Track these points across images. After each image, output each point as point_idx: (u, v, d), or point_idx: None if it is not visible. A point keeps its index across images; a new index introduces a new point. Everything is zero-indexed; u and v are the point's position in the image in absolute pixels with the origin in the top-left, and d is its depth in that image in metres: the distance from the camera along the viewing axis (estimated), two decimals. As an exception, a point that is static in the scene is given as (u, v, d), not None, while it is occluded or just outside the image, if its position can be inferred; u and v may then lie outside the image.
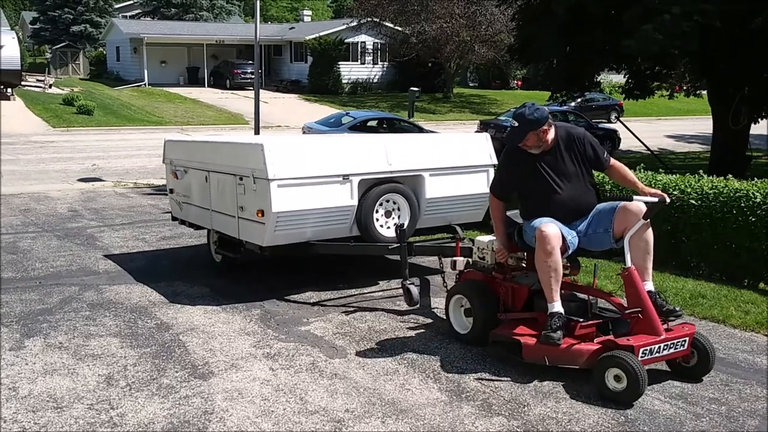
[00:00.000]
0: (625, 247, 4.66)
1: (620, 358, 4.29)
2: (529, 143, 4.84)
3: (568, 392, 4.46)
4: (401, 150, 6.88)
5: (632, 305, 4.59)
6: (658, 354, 4.46)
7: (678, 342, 4.53)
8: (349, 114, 18.96)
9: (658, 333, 4.46)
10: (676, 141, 27.62)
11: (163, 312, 6.11)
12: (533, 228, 4.76)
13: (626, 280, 4.61)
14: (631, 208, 4.67)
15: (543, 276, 4.69)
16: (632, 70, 14.91)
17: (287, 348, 5.25)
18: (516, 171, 5.03)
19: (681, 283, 6.90)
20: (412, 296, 5.90)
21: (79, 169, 16.11)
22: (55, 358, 5.03)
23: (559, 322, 4.59)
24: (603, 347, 4.48)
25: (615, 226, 4.74)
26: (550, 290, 4.66)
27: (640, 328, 4.52)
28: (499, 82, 45.10)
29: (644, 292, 4.56)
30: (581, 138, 4.96)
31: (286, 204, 6.11)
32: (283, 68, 43.12)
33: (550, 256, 4.61)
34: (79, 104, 28.22)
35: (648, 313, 4.51)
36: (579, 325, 4.63)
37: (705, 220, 7.26)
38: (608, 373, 4.34)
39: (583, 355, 4.52)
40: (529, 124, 4.78)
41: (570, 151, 4.91)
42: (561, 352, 4.56)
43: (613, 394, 4.31)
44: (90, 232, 9.56)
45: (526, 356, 4.69)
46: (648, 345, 4.39)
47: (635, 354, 4.32)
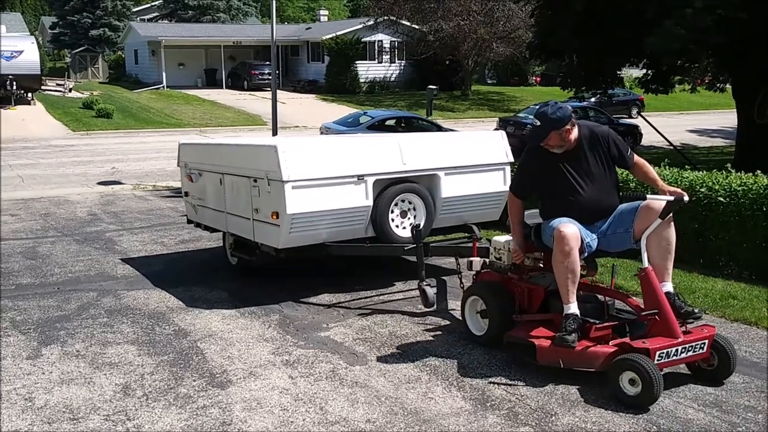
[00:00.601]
0: (642, 247, 4.55)
1: (635, 361, 4.17)
2: (551, 143, 4.72)
3: (596, 400, 4.30)
4: (416, 149, 6.79)
5: (649, 307, 4.47)
6: (676, 357, 4.34)
7: (697, 345, 4.40)
8: (367, 113, 18.84)
9: (675, 335, 4.34)
10: (698, 136, 27.20)
11: (180, 318, 6.03)
12: (552, 228, 4.64)
13: (643, 280, 4.50)
14: (652, 206, 4.53)
15: (560, 277, 4.57)
16: (652, 65, 14.65)
17: (306, 355, 5.14)
18: (538, 170, 4.91)
19: (710, 283, 6.70)
20: (428, 298, 5.80)
21: (98, 173, 16.14)
22: (72, 367, 4.96)
23: (575, 324, 4.49)
24: (618, 350, 4.36)
25: (636, 226, 4.62)
26: (566, 291, 4.55)
27: (657, 331, 4.40)
28: (517, 78, 44.76)
29: (662, 294, 4.44)
30: (605, 137, 4.83)
31: (300, 205, 6.05)
32: (300, 68, 43.09)
33: (567, 257, 4.48)
34: (98, 108, 28.38)
35: (665, 314, 4.39)
36: (594, 327, 4.52)
37: (734, 217, 7.06)
38: (623, 376, 4.22)
39: (598, 358, 4.41)
40: (552, 123, 4.65)
41: (594, 150, 4.78)
42: (576, 354, 4.46)
43: (628, 398, 4.20)
44: (109, 235, 9.53)
45: (540, 359, 4.59)
46: (664, 348, 4.28)
47: (651, 357, 4.20)
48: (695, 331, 4.50)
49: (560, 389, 4.46)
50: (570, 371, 4.53)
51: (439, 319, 5.93)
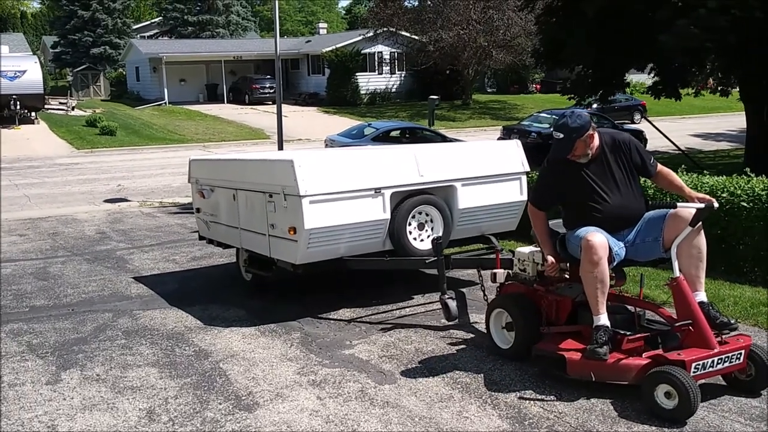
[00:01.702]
0: (673, 256, 4.43)
1: (671, 373, 4.04)
2: (578, 152, 4.63)
3: (637, 416, 4.16)
4: (432, 160, 6.71)
5: (682, 317, 4.35)
6: (712, 368, 4.21)
7: (733, 355, 4.27)
8: (371, 125, 18.77)
9: (711, 346, 4.22)
10: (702, 140, 27.12)
11: (200, 338, 5.91)
12: (578, 238, 4.53)
13: (675, 290, 4.39)
14: (682, 214, 4.42)
15: (589, 288, 4.46)
16: (662, 69, 14.56)
17: (333, 374, 5.01)
18: (560, 183, 4.81)
19: (738, 291, 6.57)
20: (451, 311, 5.69)
21: (104, 190, 16.06)
22: (94, 392, 4.83)
23: (605, 336, 4.37)
24: (652, 362, 4.24)
25: (665, 235, 4.50)
26: (596, 302, 4.44)
27: (692, 341, 4.28)
28: (517, 86, 44.73)
29: (695, 303, 4.32)
30: (627, 143, 4.73)
31: (318, 220, 5.95)
32: (300, 81, 43.11)
33: (596, 267, 4.37)
34: (101, 125, 28.35)
35: (699, 325, 4.27)
36: (626, 339, 4.40)
37: (758, 223, 6.93)
38: (658, 389, 4.10)
39: (631, 371, 4.29)
40: (575, 132, 4.57)
41: (616, 157, 4.68)
42: (608, 367, 4.33)
43: (664, 411, 4.07)
44: (119, 254, 9.42)
45: (570, 372, 4.47)
46: (700, 359, 4.15)
47: (687, 369, 4.08)
48: (731, 341, 4.38)
49: (598, 405, 4.32)
50: (603, 384, 4.41)
51: (463, 332, 5.81)
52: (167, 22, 50.24)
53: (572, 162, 4.68)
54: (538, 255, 5.16)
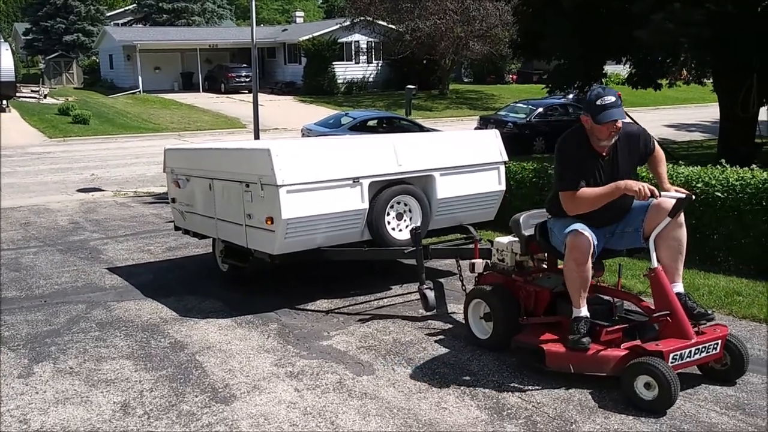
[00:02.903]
0: (651, 247, 4.43)
1: (650, 364, 4.06)
2: (603, 135, 4.40)
3: (615, 405, 4.18)
4: (411, 150, 6.68)
5: (660, 308, 4.36)
6: (690, 359, 4.24)
7: (710, 345, 4.31)
8: (348, 114, 18.69)
9: (688, 336, 4.24)
10: (675, 130, 27.35)
11: (176, 330, 5.84)
12: (564, 234, 4.48)
13: (653, 281, 4.39)
14: (661, 204, 4.41)
15: (571, 284, 4.47)
16: (638, 61, 14.65)
17: (311, 365, 4.97)
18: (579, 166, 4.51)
19: (712, 280, 6.63)
20: (429, 302, 5.70)
21: (77, 180, 15.82)
22: (67, 385, 4.75)
23: (586, 326, 4.39)
24: (631, 353, 4.25)
25: (646, 224, 4.49)
26: (577, 297, 4.46)
27: (669, 332, 4.30)
28: (494, 76, 44.81)
29: (672, 294, 4.33)
30: (637, 135, 4.62)
31: (296, 210, 5.90)
32: (277, 70, 42.79)
33: (582, 266, 4.38)
34: (74, 114, 27.93)
35: (677, 315, 4.28)
36: (605, 330, 4.41)
37: (732, 213, 7.00)
38: (638, 380, 4.12)
39: (609, 362, 4.31)
40: (620, 102, 4.39)
41: (627, 152, 4.55)
42: (587, 359, 4.35)
43: (644, 402, 4.09)
44: (93, 244, 9.29)
45: (549, 364, 4.48)
46: (678, 350, 4.18)
47: (665, 360, 4.10)
48: (708, 331, 4.40)
49: (576, 395, 4.33)
50: (580, 375, 4.42)
51: (441, 323, 5.80)
52: (141, 10, 49.55)
53: (590, 151, 4.50)
54: (516, 245, 5.16)
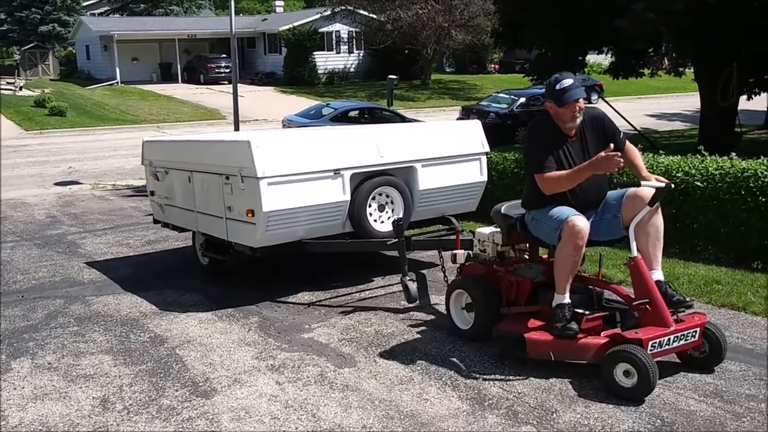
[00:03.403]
0: (631, 236, 4.44)
1: (629, 352, 4.09)
2: (567, 116, 4.50)
3: (595, 395, 4.20)
4: (392, 141, 6.66)
5: (640, 296, 4.38)
6: (669, 346, 4.27)
7: (689, 333, 4.34)
8: (329, 105, 18.60)
9: (667, 324, 4.27)
10: (657, 119, 27.55)
11: (155, 324, 5.78)
12: (555, 221, 4.48)
13: (632, 269, 4.41)
14: (640, 193, 4.43)
15: (562, 270, 4.46)
16: (620, 51, 14.70)
17: (292, 358, 4.95)
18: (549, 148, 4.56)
19: (692, 269, 6.67)
20: (411, 293, 5.70)
21: (54, 173, 15.65)
22: (45, 381, 4.69)
23: (570, 313, 4.40)
24: (611, 341, 4.28)
25: (624, 213, 4.51)
26: (565, 283, 4.46)
27: (649, 320, 4.32)
28: (476, 66, 44.81)
29: (652, 282, 4.35)
30: (602, 119, 4.72)
31: (277, 202, 5.86)
32: (257, 61, 42.48)
33: (579, 252, 4.38)
34: (51, 105, 27.59)
35: (656, 303, 4.31)
36: (585, 318, 4.42)
37: (712, 202, 7.04)
38: (617, 368, 4.14)
39: (590, 350, 4.32)
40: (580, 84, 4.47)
41: (594, 134, 4.64)
42: (567, 346, 4.37)
43: (624, 390, 4.12)
44: (71, 238, 9.18)
45: (530, 352, 4.49)
46: (657, 337, 4.20)
47: (644, 347, 4.13)
48: (687, 319, 4.44)
49: (557, 385, 4.35)
50: (561, 364, 4.43)
51: (424, 314, 5.79)
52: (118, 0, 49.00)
53: (558, 133, 4.57)
54: (497, 236, 5.16)
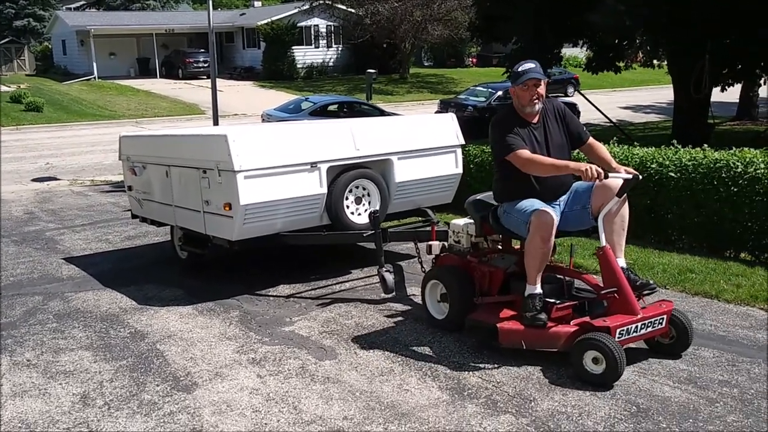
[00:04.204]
0: (600, 226, 4.53)
1: (597, 340, 4.17)
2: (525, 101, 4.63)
3: (573, 383, 4.27)
4: (368, 134, 6.72)
5: (608, 285, 4.47)
6: (636, 333, 4.36)
7: (656, 320, 4.43)
8: (308, 99, 18.57)
9: (634, 312, 4.36)
10: (632, 112, 27.81)
11: (136, 319, 5.78)
12: (524, 214, 4.56)
13: (602, 259, 4.50)
14: (610, 184, 4.52)
15: (532, 262, 4.54)
16: (595, 44, 14.81)
17: (273, 352, 4.97)
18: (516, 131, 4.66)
19: (666, 258, 6.78)
20: (388, 284, 5.76)
21: (32, 169, 15.49)
22: (24, 378, 4.68)
23: (540, 303, 4.49)
24: (580, 329, 4.36)
25: (593, 203, 4.60)
26: (535, 274, 4.55)
27: (617, 308, 4.41)
28: (454, 60, 44.89)
29: (620, 272, 4.43)
30: (564, 110, 4.86)
31: (254, 196, 5.90)
32: (236, 55, 42.26)
33: (546, 244, 4.46)
34: (27, 101, 27.29)
35: (624, 292, 4.39)
36: (555, 308, 4.51)
37: (685, 192, 7.15)
38: (586, 356, 4.23)
39: (560, 338, 4.41)
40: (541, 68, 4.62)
41: (557, 124, 4.77)
42: (538, 335, 4.45)
43: (593, 377, 4.21)
44: (49, 235, 9.12)
45: (502, 341, 4.57)
46: (625, 325, 4.29)
47: (612, 335, 4.21)
48: (654, 306, 4.54)
49: (536, 374, 4.41)
50: (539, 354, 4.51)
51: (402, 306, 5.85)
52: (94, -7, 48.52)
53: (520, 120, 4.68)
54: (471, 227, 5.23)
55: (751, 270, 6.31)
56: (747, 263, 6.59)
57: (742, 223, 6.77)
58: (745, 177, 6.72)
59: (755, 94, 22.81)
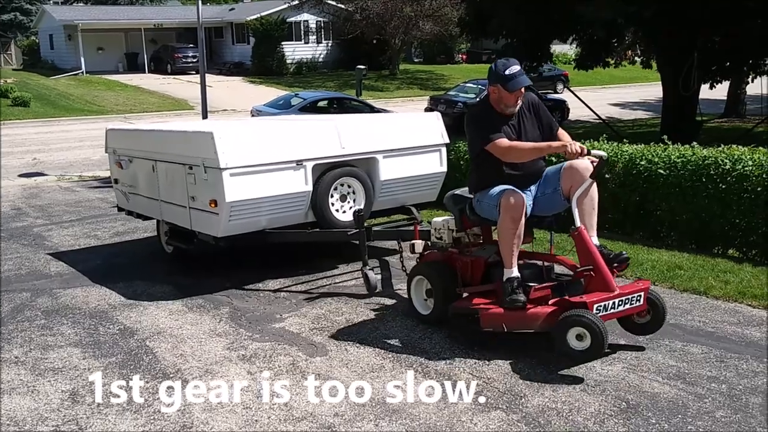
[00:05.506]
0: (574, 207, 4.61)
1: (581, 315, 4.22)
2: (511, 101, 4.71)
3: (562, 379, 4.29)
4: (354, 132, 6.74)
5: (584, 264, 4.53)
6: (614, 310, 4.41)
7: (633, 297, 4.49)
8: (298, 95, 18.53)
9: (611, 289, 4.42)
10: (621, 108, 27.93)
11: (125, 315, 5.75)
12: (494, 197, 4.66)
13: (577, 239, 4.56)
14: (577, 166, 4.62)
15: (506, 243, 4.61)
16: (584, 40, 14.84)
17: (263, 348, 4.96)
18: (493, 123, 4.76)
19: (655, 255, 6.81)
20: (371, 283, 5.81)
21: (19, 164, 15.39)
22: (12, 375, 4.65)
23: (519, 285, 4.55)
24: (558, 307, 4.41)
25: (563, 185, 4.69)
26: (510, 256, 4.61)
27: (594, 286, 4.47)
28: (444, 56, 44.89)
29: (595, 250, 4.50)
30: (538, 103, 4.94)
31: (239, 193, 5.92)
32: (225, 50, 42.10)
33: (517, 224, 4.54)
34: (14, 96, 27.10)
35: (600, 269, 4.45)
36: (533, 289, 4.56)
37: (674, 189, 7.18)
38: (569, 333, 4.26)
39: (539, 318, 4.47)
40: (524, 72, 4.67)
41: (531, 115, 4.86)
42: (518, 317, 4.51)
43: (577, 353, 4.26)
44: (37, 231, 9.06)
45: (484, 325, 4.63)
46: (602, 300, 4.34)
47: (590, 310, 4.25)
48: (631, 285, 4.61)
49: (526, 370, 4.42)
50: (529, 349, 4.55)
51: (392, 302, 5.85)
52: (82, -12, 48.18)
53: (497, 115, 4.76)
54: (452, 222, 5.29)
55: (739, 266, 6.36)
56: (735, 260, 6.64)
57: (731, 219, 6.82)
58: (733, 174, 6.76)
59: (743, 91, 22.97)
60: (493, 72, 4.73)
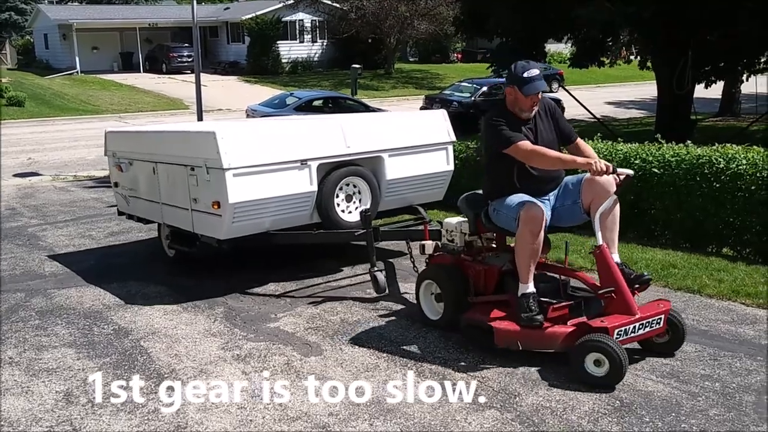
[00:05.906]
0: (596, 225, 4.48)
1: (599, 341, 4.11)
2: (527, 105, 4.62)
3: (557, 378, 4.29)
4: (359, 131, 6.67)
5: (605, 284, 4.40)
6: (634, 334, 4.31)
7: (654, 320, 4.38)
8: (293, 94, 18.52)
9: (632, 312, 4.30)
10: (615, 107, 27.96)
11: (119, 316, 5.75)
12: (513, 208, 4.56)
13: (598, 258, 4.44)
14: (601, 180, 4.49)
15: (522, 257, 4.51)
16: (579, 40, 14.87)
17: (258, 348, 4.96)
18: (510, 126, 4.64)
19: (650, 254, 6.83)
20: (380, 284, 5.75)
21: (13, 164, 15.34)
22: (6, 376, 4.64)
23: (535, 302, 4.44)
24: (577, 330, 4.30)
25: (583, 198, 4.59)
26: (527, 271, 4.50)
27: (614, 308, 4.34)
28: (439, 55, 44.87)
29: (617, 271, 4.36)
30: (554, 108, 4.85)
31: (243, 194, 5.83)
32: (220, 50, 42.03)
33: (536, 239, 4.44)
34: (8, 95, 26.99)
35: (622, 291, 4.32)
36: (552, 308, 4.45)
37: (668, 188, 7.20)
38: (588, 358, 4.15)
39: (557, 338, 4.35)
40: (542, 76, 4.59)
41: (548, 121, 4.76)
42: (534, 336, 4.40)
43: (595, 379, 4.14)
44: (31, 231, 9.04)
45: (498, 342, 4.51)
46: (623, 325, 4.23)
47: (610, 335, 4.15)
48: (651, 306, 4.47)
49: (520, 369, 4.43)
50: (536, 352, 4.49)
51: (390, 303, 5.84)
52: (76, -13, 48.04)
53: (513, 118, 4.65)
54: (465, 225, 5.16)
55: (732, 265, 6.38)
56: (729, 258, 6.66)
57: (724, 218, 6.83)
58: (727, 173, 6.77)
59: (737, 90, 23.01)
60: (512, 73, 4.65)
